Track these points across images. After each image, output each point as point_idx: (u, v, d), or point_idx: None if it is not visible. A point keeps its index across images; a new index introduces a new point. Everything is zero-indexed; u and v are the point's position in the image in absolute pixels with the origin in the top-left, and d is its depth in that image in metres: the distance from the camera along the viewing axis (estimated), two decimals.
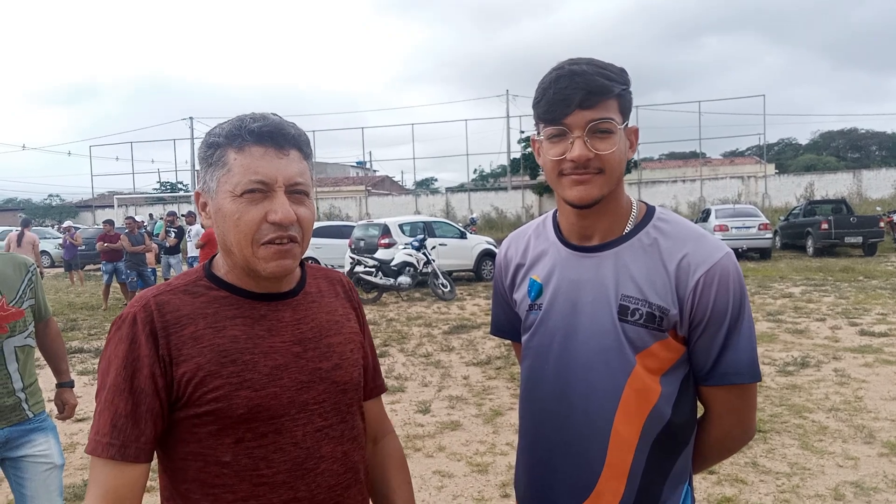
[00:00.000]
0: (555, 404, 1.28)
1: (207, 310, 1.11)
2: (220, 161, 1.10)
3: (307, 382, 1.14)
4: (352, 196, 35.72)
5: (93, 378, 6.84)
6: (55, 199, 45.23)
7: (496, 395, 5.81)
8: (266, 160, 1.08)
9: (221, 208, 1.10)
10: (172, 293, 1.12)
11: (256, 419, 1.08)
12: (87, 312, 11.95)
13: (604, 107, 1.16)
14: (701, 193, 29.96)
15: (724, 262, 1.20)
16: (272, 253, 1.09)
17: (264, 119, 1.11)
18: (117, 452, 1.03)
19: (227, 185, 1.09)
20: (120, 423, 1.03)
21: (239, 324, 1.11)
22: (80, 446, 4.76)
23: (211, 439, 1.07)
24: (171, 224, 13.90)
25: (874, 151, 64.06)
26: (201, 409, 1.06)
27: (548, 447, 1.30)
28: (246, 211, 1.07)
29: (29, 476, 2.45)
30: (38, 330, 2.65)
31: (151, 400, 1.05)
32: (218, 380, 1.06)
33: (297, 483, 1.10)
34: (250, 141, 1.08)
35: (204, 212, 1.16)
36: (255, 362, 1.09)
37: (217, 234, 1.14)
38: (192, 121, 39.59)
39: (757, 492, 3.67)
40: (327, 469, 1.14)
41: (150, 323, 1.07)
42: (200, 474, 1.08)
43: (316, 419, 1.14)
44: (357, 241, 14.88)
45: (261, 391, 1.08)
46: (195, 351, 1.07)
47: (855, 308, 9.48)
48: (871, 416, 4.87)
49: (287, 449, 1.10)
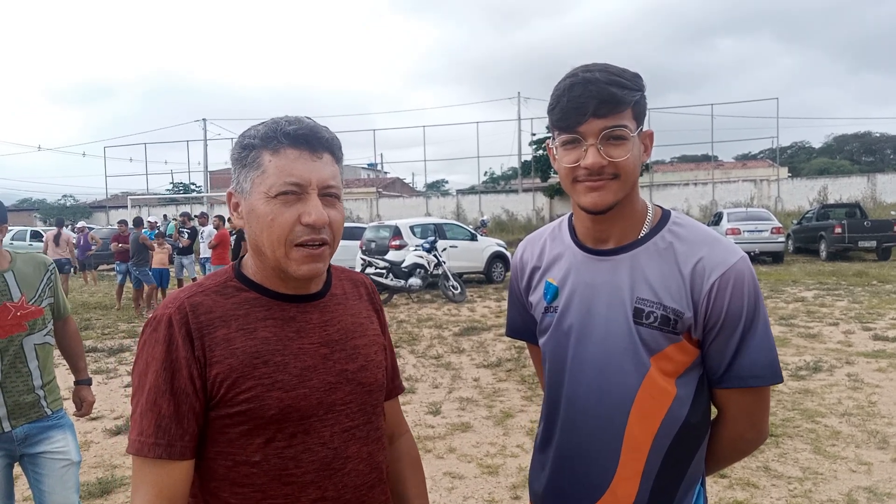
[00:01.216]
0: (570, 405, 1.30)
1: (239, 311, 1.13)
2: (254, 162, 1.11)
3: (335, 384, 1.15)
4: (363, 198, 35.82)
5: (107, 377, 6.91)
6: (69, 199, 45.62)
7: (506, 396, 5.81)
8: (300, 163, 1.10)
9: (255, 209, 1.11)
10: (205, 294, 1.14)
11: (287, 420, 1.09)
12: (101, 312, 12.06)
13: (617, 115, 1.17)
14: (713, 197, 29.83)
15: (738, 266, 1.20)
16: (304, 256, 1.10)
17: (299, 122, 1.12)
18: (164, 451, 1.04)
19: (261, 187, 1.10)
20: (164, 423, 1.05)
21: (269, 325, 1.13)
22: (94, 444, 4.82)
23: (241, 439, 1.09)
24: (184, 225, 14.01)
25: (889, 155, 63.52)
26: (233, 409, 1.08)
27: (562, 447, 1.32)
28: (280, 213, 1.09)
29: (46, 472, 2.48)
30: (57, 328, 2.69)
31: (192, 400, 1.07)
32: (250, 381, 1.08)
33: (324, 483, 1.12)
34: (286, 143, 1.10)
35: (236, 212, 1.17)
36: (286, 364, 1.11)
37: (248, 235, 1.15)
38: (205, 122, 39.94)
39: (769, 496, 3.66)
40: (353, 469, 1.16)
41: (186, 325, 1.08)
42: (230, 473, 1.10)
43: (343, 420, 1.16)
44: (368, 242, 14.92)
45: (291, 392, 1.10)
46: (227, 352, 1.09)
47: (868, 312, 9.40)
48: (885, 421, 4.83)
49: (315, 449, 1.12)
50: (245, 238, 6.82)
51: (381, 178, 49.22)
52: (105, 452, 4.66)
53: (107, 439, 4.94)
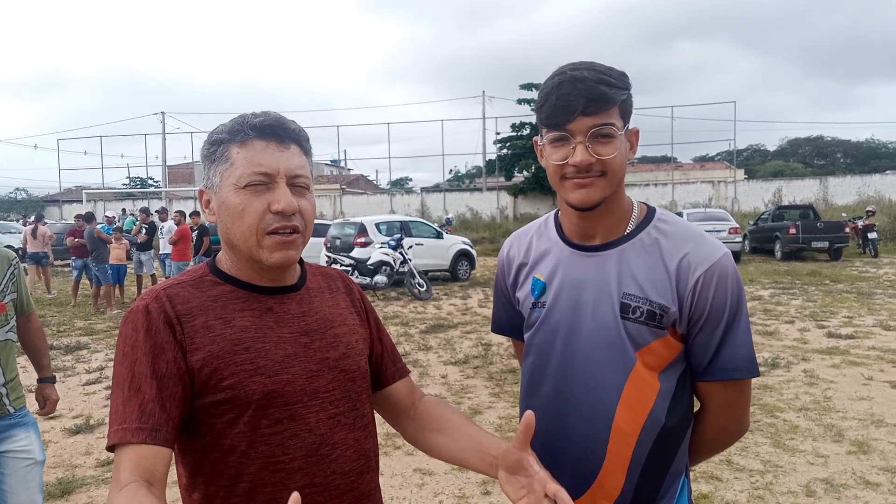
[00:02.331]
0: (557, 399, 1.32)
1: (216, 302, 1.13)
2: (222, 156, 1.13)
3: (316, 371, 1.16)
4: (326, 194, 35.48)
5: (64, 375, 6.71)
6: (21, 192, 44.09)
7: (475, 393, 5.84)
8: (268, 153, 1.12)
9: (225, 202, 1.12)
10: (181, 286, 1.14)
11: (272, 405, 1.09)
12: (56, 309, 11.71)
13: (605, 113, 1.19)
14: (672, 197, 30.38)
15: (722, 262, 1.24)
16: (276, 243, 1.12)
17: (265, 114, 1.15)
18: (148, 436, 1.00)
19: (230, 179, 1.12)
20: (149, 407, 1.02)
21: (248, 315, 1.13)
22: (53, 444, 4.69)
23: (227, 429, 1.08)
24: (144, 221, 13.69)
25: (839, 159, 65.61)
26: (217, 396, 1.07)
27: (549, 441, 1.33)
28: (250, 202, 1.10)
29: (9, 472, 2.41)
30: (20, 324, 2.60)
31: (175, 384, 1.05)
32: (232, 367, 1.08)
33: (313, 469, 1.12)
34: (252, 135, 1.12)
35: (207, 209, 1.18)
36: (267, 350, 1.11)
37: (221, 229, 1.16)
38: (163, 116, 38.96)
39: (732, 489, 3.76)
40: (341, 455, 1.16)
41: (164, 312, 1.08)
42: (217, 465, 1.09)
43: (328, 406, 1.16)
44: (333, 239, 14.79)
45: (274, 377, 1.10)
46: (207, 339, 1.08)
47: (822, 311, 9.71)
48: (840, 415, 5.01)
49: (302, 435, 1.11)
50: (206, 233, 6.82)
51: (345, 174, 48.83)
52: (65, 452, 4.54)
53: (66, 438, 4.81)
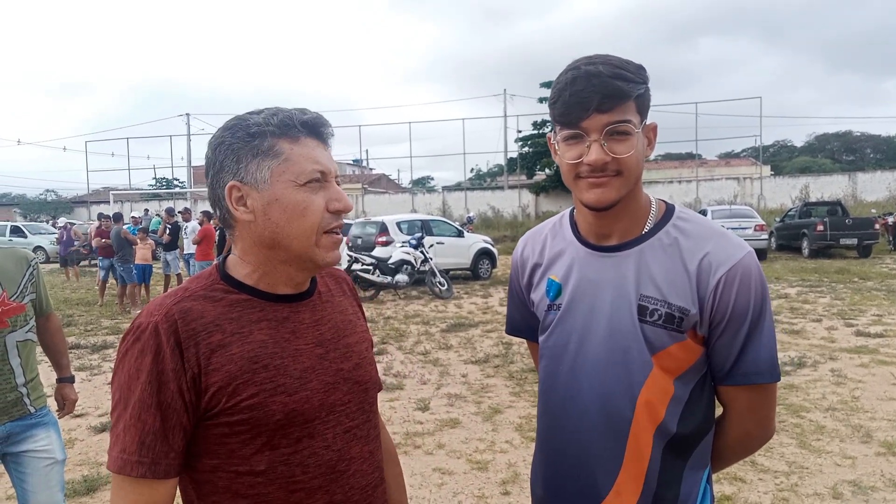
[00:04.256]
0: (571, 404, 1.27)
1: (231, 314, 1.07)
2: (271, 151, 1.06)
3: (332, 384, 1.12)
4: (348, 193, 35.32)
5: (90, 374, 6.82)
6: (50, 194, 44.88)
7: (495, 392, 5.81)
8: (319, 151, 1.10)
9: (281, 198, 1.06)
10: (193, 299, 1.07)
11: (292, 424, 1.05)
12: (84, 308, 11.91)
13: (621, 109, 1.13)
14: (697, 194, 30.02)
15: (745, 262, 1.17)
16: (333, 242, 1.10)
17: (308, 112, 1.12)
18: (148, 470, 0.98)
19: (286, 175, 1.06)
20: (148, 440, 0.99)
21: (264, 328, 1.08)
22: (78, 442, 4.75)
23: (244, 449, 1.04)
24: (168, 221, 13.87)
25: (868, 154, 64.34)
26: (234, 417, 1.02)
27: (564, 447, 1.29)
28: (312, 200, 1.07)
29: (30, 471, 2.43)
30: (39, 325, 2.63)
31: (179, 415, 1.01)
32: (252, 387, 1.03)
33: (332, 486, 1.09)
34: (304, 132, 1.09)
35: (239, 205, 1.08)
36: (286, 366, 1.07)
37: (264, 229, 1.07)
38: (188, 117, 39.46)
39: (756, 490, 3.69)
40: (358, 470, 1.13)
41: (175, 333, 1.01)
42: (232, 485, 1.05)
43: (344, 420, 1.13)
44: (354, 238, 14.86)
45: (294, 396, 1.06)
46: (225, 359, 1.03)
47: (850, 309, 9.51)
48: (868, 415, 4.89)
49: (320, 453, 1.08)
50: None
51: (367, 174, 49.01)
52: (90, 450, 4.60)
53: (91, 436, 4.88)
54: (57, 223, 23.63)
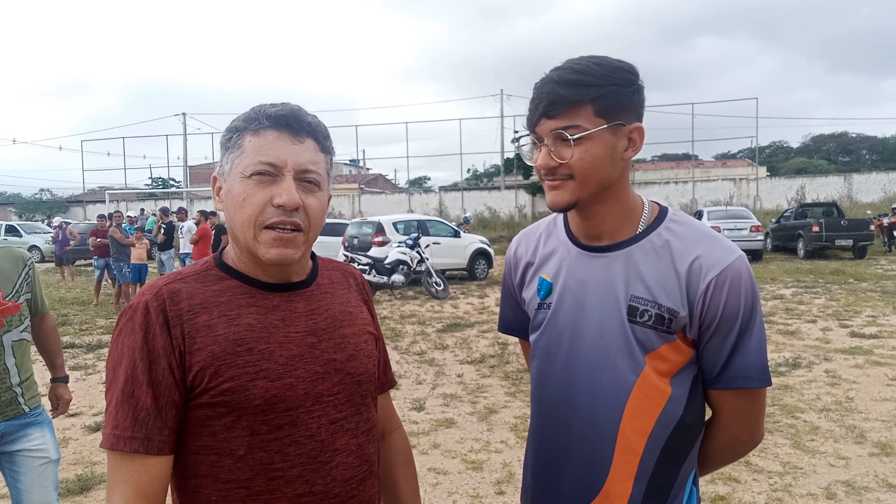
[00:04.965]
0: (562, 404, 1.28)
1: (220, 298, 1.09)
2: (235, 144, 1.10)
3: (322, 374, 1.12)
4: (345, 194, 35.61)
5: (85, 373, 6.81)
6: (46, 193, 44.77)
7: (490, 392, 5.82)
8: (279, 144, 1.08)
9: (231, 190, 1.10)
10: (184, 281, 1.10)
11: (272, 410, 1.05)
12: (79, 308, 11.88)
13: (570, 114, 1.14)
14: (693, 195, 30.09)
15: (736, 265, 1.17)
16: (272, 238, 1.07)
17: (283, 105, 1.11)
18: (141, 445, 1.00)
19: (238, 167, 1.08)
20: (142, 415, 1.01)
21: (253, 312, 1.10)
22: (73, 441, 4.74)
23: (225, 432, 1.05)
24: (162, 221, 13.84)
25: (864, 155, 64.51)
26: (216, 399, 1.03)
27: (555, 448, 1.29)
28: (252, 192, 1.07)
29: (24, 470, 2.43)
30: (34, 324, 2.63)
31: (171, 391, 1.03)
32: (233, 369, 1.04)
33: (312, 476, 1.08)
34: (267, 125, 1.08)
35: (218, 196, 1.15)
36: (271, 352, 1.07)
37: (226, 218, 1.13)
38: (184, 116, 39.39)
39: (750, 490, 3.70)
40: (342, 462, 1.12)
41: (164, 312, 1.05)
42: (213, 469, 1.06)
43: (330, 411, 1.12)
44: (351, 238, 14.85)
45: (277, 381, 1.06)
46: (209, 339, 1.05)
47: (845, 310, 9.55)
48: (862, 416, 4.91)
49: (302, 441, 1.08)
50: (224, 232, 6.83)
51: (363, 174, 49.00)
52: (84, 449, 4.59)
53: (86, 436, 4.87)
54: (52, 222, 23.56)
